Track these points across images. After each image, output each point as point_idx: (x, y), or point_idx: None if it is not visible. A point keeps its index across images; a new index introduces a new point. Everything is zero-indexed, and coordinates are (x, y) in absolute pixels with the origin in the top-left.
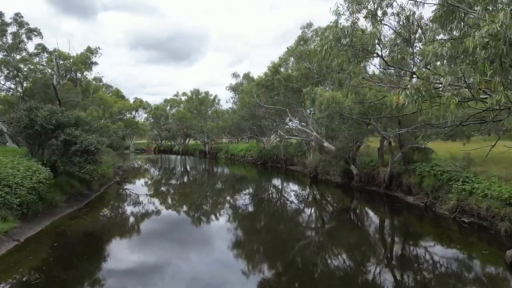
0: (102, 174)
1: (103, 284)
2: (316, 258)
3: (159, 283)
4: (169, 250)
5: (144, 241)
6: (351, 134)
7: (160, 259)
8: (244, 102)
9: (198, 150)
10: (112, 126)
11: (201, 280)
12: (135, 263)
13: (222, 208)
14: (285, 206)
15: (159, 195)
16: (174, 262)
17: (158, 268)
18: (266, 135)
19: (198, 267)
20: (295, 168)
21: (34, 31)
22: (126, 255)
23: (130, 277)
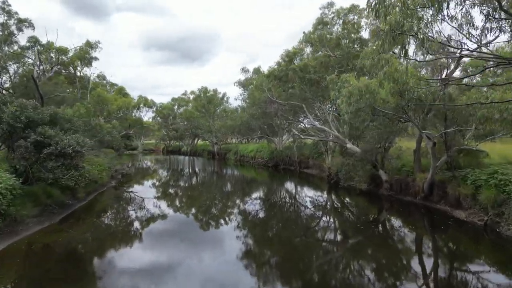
0: (93, 179)
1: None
2: (339, 278)
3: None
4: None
5: (131, 270)
6: (381, 134)
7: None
8: (254, 98)
9: (206, 151)
10: (105, 125)
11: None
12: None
13: (231, 215)
14: (300, 214)
15: (162, 201)
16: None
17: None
18: (278, 135)
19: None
20: (311, 171)
21: (25, 22)
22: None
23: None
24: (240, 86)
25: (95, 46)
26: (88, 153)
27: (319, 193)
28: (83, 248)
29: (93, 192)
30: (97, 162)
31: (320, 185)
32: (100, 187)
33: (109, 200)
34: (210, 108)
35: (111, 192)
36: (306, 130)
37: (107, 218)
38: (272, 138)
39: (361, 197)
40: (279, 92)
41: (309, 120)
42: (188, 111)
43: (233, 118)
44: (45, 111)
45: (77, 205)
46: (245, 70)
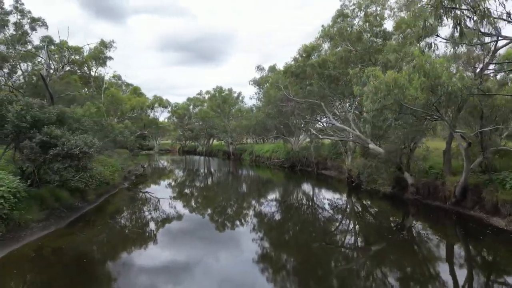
0: (104, 181)
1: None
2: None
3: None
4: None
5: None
6: (406, 133)
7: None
8: (270, 96)
9: (221, 151)
10: (118, 125)
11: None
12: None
13: (247, 217)
14: (318, 217)
15: (176, 202)
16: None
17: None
18: (294, 135)
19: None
20: (329, 172)
21: (38, 21)
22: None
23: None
24: (255, 84)
25: (110, 46)
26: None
27: (338, 195)
28: (90, 255)
29: (105, 193)
30: (110, 163)
31: (339, 187)
32: (112, 188)
33: (120, 202)
34: (225, 107)
35: (124, 194)
36: (324, 129)
37: (117, 222)
38: (288, 138)
39: (385, 201)
40: (296, 89)
41: (327, 119)
42: (203, 111)
43: (248, 118)
44: (52, 110)
45: (86, 207)
46: (260, 68)
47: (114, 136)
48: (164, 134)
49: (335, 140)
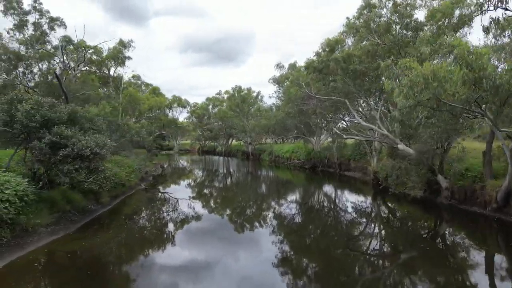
0: (119, 182)
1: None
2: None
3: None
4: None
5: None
6: (440, 132)
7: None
8: (290, 94)
9: (240, 151)
10: (134, 125)
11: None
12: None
13: (266, 219)
14: (341, 221)
15: (195, 203)
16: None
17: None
18: (315, 135)
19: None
20: (352, 174)
21: (56, 21)
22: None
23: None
24: (274, 83)
25: (128, 45)
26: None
27: (362, 198)
28: (99, 263)
29: (120, 195)
30: (126, 164)
31: (363, 189)
32: (128, 190)
33: (136, 204)
34: (244, 107)
35: (140, 195)
36: (348, 129)
37: (131, 225)
38: (309, 138)
39: (415, 206)
40: (318, 86)
41: (352, 117)
42: (222, 111)
43: (267, 117)
44: (62, 110)
45: (100, 210)
46: (280, 66)
47: (131, 136)
48: (184, 134)
49: (359, 140)
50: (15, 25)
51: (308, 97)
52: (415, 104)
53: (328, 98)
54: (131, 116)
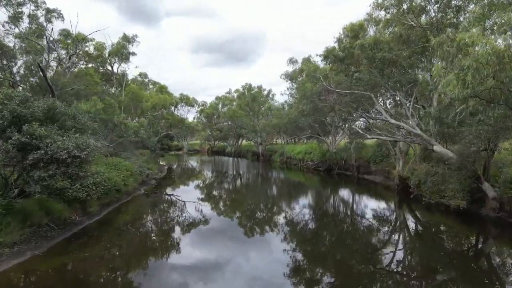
0: (113, 188)
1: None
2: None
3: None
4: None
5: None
6: (491, 131)
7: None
8: (305, 89)
9: (250, 152)
10: (132, 124)
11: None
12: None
13: (278, 226)
14: (360, 231)
15: (199, 210)
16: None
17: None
18: (330, 134)
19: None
20: (372, 178)
21: (53, 12)
22: None
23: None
24: (287, 78)
25: (132, 41)
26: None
27: (385, 206)
28: None
29: (114, 203)
30: (125, 166)
31: (386, 196)
32: (125, 196)
33: (132, 212)
34: (255, 106)
35: (139, 202)
36: (371, 127)
37: (119, 240)
38: (323, 138)
39: (452, 218)
40: (339, 79)
41: (378, 114)
42: (232, 110)
43: (278, 116)
44: (37, 105)
45: (86, 222)
46: (293, 61)
47: (128, 136)
48: (193, 134)
49: (381, 141)
50: (10, 17)
51: (326, 91)
52: (471, 95)
53: (350, 92)
54: (133, 115)
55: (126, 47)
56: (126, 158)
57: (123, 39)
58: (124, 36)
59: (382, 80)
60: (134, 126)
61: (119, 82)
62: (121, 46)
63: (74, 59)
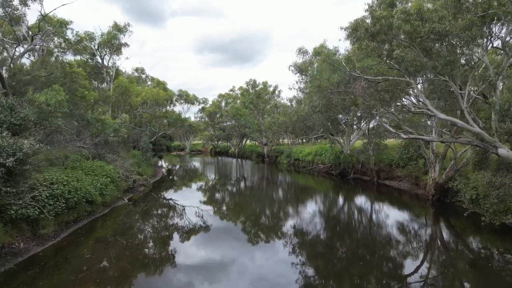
0: (84, 200)
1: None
2: None
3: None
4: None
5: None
6: None
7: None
8: (321, 79)
9: (255, 153)
10: (113, 121)
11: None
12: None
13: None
14: (387, 251)
15: (194, 227)
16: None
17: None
18: (345, 134)
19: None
20: (396, 184)
21: None
22: None
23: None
24: (296, 70)
25: (125, 30)
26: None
27: (417, 220)
28: None
29: (83, 218)
30: (106, 171)
31: (416, 208)
32: (101, 208)
33: (105, 231)
34: (259, 103)
35: (118, 214)
36: (400, 124)
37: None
38: (337, 138)
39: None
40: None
41: (418, 106)
42: (235, 108)
43: (286, 113)
44: None
45: (32, 250)
46: (303, 51)
47: (106, 136)
48: (196, 134)
49: (407, 141)
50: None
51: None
52: None
53: (383, 80)
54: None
55: (117, 37)
56: (113, 160)
57: (114, 28)
58: (115, 25)
59: (428, 61)
60: (114, 124)
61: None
62: (112, 36)
63: (40, 42)
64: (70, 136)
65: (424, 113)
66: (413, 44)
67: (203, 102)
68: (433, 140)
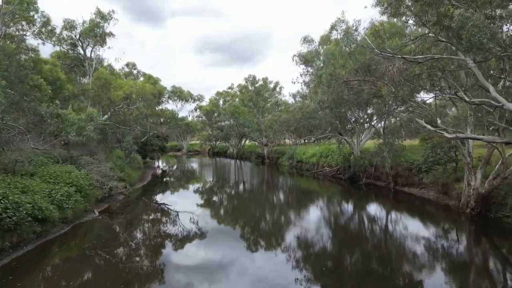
0: (28, 218)
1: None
2: None
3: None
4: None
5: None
6: None
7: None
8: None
9: (255, 154)
10: (77, 117)
11: None
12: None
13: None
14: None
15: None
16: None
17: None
18: (355, 133)
19: None
20: (417, 192)
21: None
22: None
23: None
24: (300, 61)
25: (109, 18)
26: (57, 162)
27: (446, 234)
28: None
29: (24, 245)
30: (72, 178)
31: (445, 221)
32: (58, 227)
33: (41, 270)
34: (259, 101)
35: (79, 235)
36: (433, 118)
37: None
38: (346, 138)
39: None
40: (394, 43)
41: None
42: (233, 105)
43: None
44: None
45: None
46: (309, 40)
47: (67, 134)
48: (193, 134)
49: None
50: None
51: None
52: None
53: (426, 58)
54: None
55: (101, 26)
56: (88, 163)
57: (97, 16)
58: (97, 12)
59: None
60: (78, 120)
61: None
62: (95, 25)
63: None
64: (20, 135)
65: (483, 104)
66: (474, 6)
67: (198, 99)
68: (495, 141)
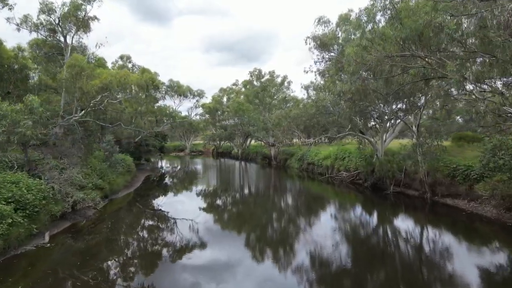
0: None
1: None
2: None
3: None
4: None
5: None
6: None
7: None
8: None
9: (261, 155)
10: (8, 108)
11: None
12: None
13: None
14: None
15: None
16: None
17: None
18: (378, 132)
19: None
20: (467, 205)
21: None
22: None
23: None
24: (315, 44)
25: None
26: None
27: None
28: None
29: None
30: (13, 191)
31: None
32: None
33: None
34: (265, 97)
35: (10, 275)
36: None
37: None
38: (368, 137)
39: None
40: None
41: None
42: (237, 102)
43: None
44: None
45: None
46: (325, 21)
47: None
48: (197, 133)
49: (490, 143)
50: None
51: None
52: None
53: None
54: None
55: (83, 9)
56: (51, 169)
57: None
58: None
59: None
60: (12, 112)
61: None
62: (76, 7)
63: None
64: None
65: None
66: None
67: (198, 95)
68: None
